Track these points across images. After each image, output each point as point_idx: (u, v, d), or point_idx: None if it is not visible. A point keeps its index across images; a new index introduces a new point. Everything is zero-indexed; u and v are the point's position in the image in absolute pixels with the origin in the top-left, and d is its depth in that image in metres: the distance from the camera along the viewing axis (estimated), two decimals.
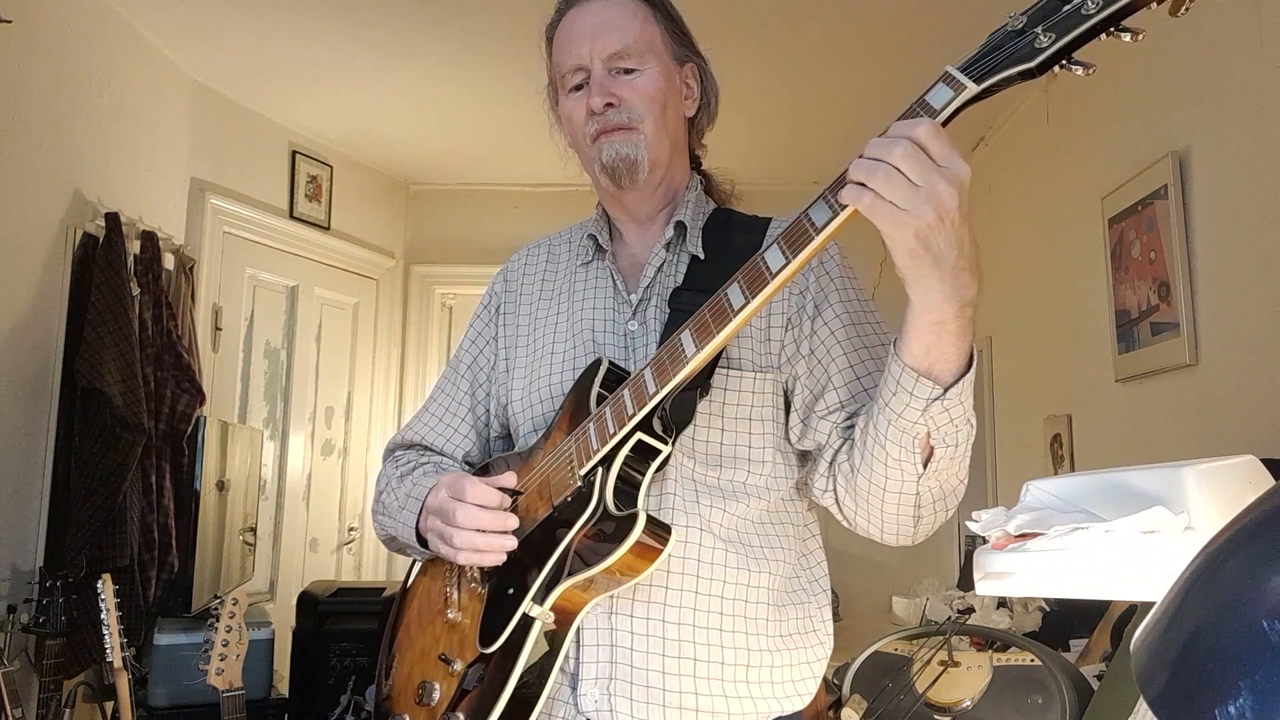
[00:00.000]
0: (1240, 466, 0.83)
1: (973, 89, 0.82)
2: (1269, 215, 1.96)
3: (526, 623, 1.02)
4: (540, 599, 1.02)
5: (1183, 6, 0.76)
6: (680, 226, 1.21)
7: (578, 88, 1.19)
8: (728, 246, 1.18)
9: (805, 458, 1.17)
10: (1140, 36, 0.78)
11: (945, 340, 0.91)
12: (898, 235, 0.84)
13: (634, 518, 0.98)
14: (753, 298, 0.93)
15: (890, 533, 1.08)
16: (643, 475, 1.04)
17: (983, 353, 3.76)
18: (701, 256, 1.18)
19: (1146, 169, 2.42)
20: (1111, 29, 0.78)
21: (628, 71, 1.16)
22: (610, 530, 1.00)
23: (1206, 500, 0.78)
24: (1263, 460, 0.85)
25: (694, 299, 1.11)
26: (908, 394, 0.94)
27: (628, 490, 1.03)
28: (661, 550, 1.00)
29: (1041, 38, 0.80)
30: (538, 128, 1.31)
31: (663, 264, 1.20)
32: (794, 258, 0.90)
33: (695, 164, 1.31)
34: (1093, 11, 0.77)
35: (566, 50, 1.19)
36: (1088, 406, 2.86)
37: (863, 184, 0.84)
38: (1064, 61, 0.80)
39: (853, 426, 1.08)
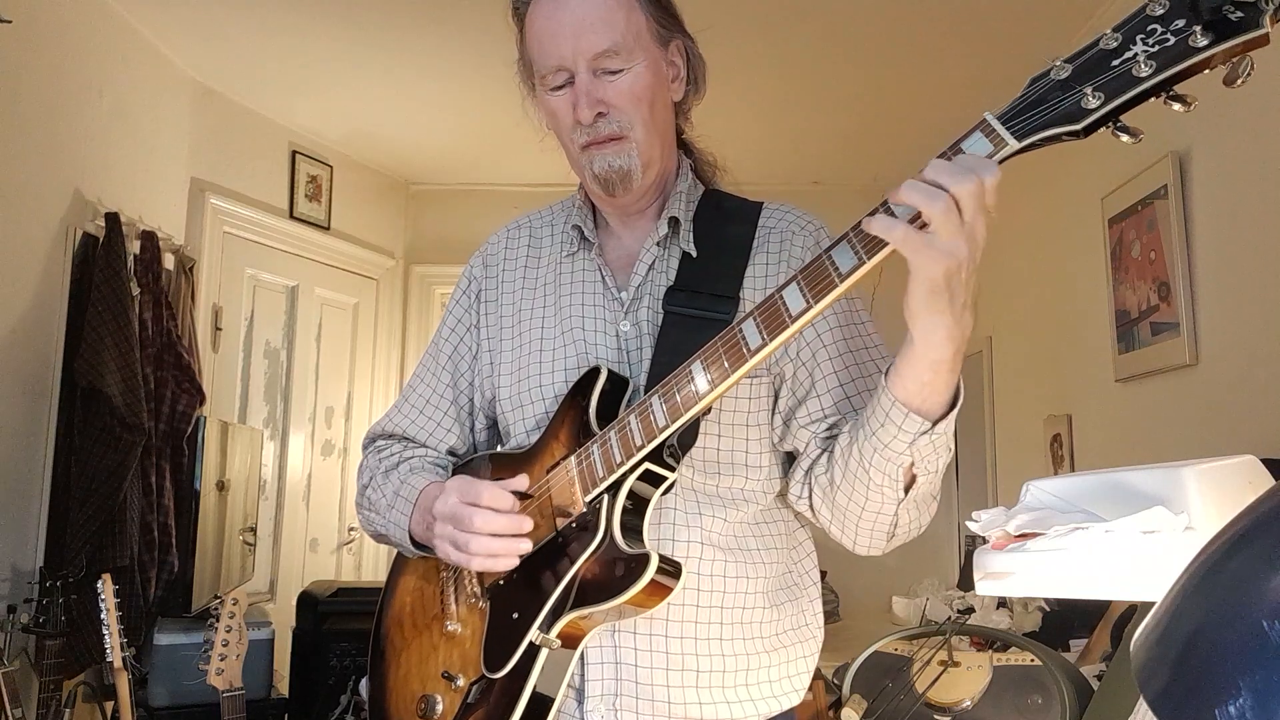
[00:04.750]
0: (1240, 466, 0.83)
1: (1013, 146, 0.78)
2: (1269, 215, 1.96)
3: (533, 650, 1.02)
4: (546, 628, 1.02)
5: (1238, 79, 0.71)
6: (673, 222, 1.18)
7: (559, 85, 1.12)
8: (720, 240, 1.17)
9: (792, 458, 1.16)
10: (1193, 106, 0.72)
11: (940, 378, 0.91)
12: (927, 271, 0.83)
13: (645, 559, 0.97)
14: (771, 339, 0.91)
15: (863, 545, 1.08)
16: (648, 501, 1.04)
17: (982, 353, 3.76)
18: (694, 254, 1.16)
19: (1146, 169, 2.42)
20: (1164, 94, 0.73)
21: (613, 70, 1.10)
22: (619, 568, 0.99)
23: (1206, 500, 0.78)
24: (1263, 460, 0.85)
25: (688, 299, 1.10)
26: (896, 427, 0.94)
27: (633, 518, 1.03)
28: (672, 589, 0.99)
29: (1090, 97, 0.74)
30: (539, 131, 1.29)
31: (654, 261, 1.18)
32: (815, 303, 0.88)
33: (679, 135, 1.25)
34: (1145, 75, 0.72)
35: (546, 48, 1.11)
36: (1088, 406, 2.86)
37: (915, 210, 0.81)
38: (1111, 126, 0.75)
39: (832, 437, 1.07)
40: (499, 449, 1.25)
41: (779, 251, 1.15)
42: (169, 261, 3.00)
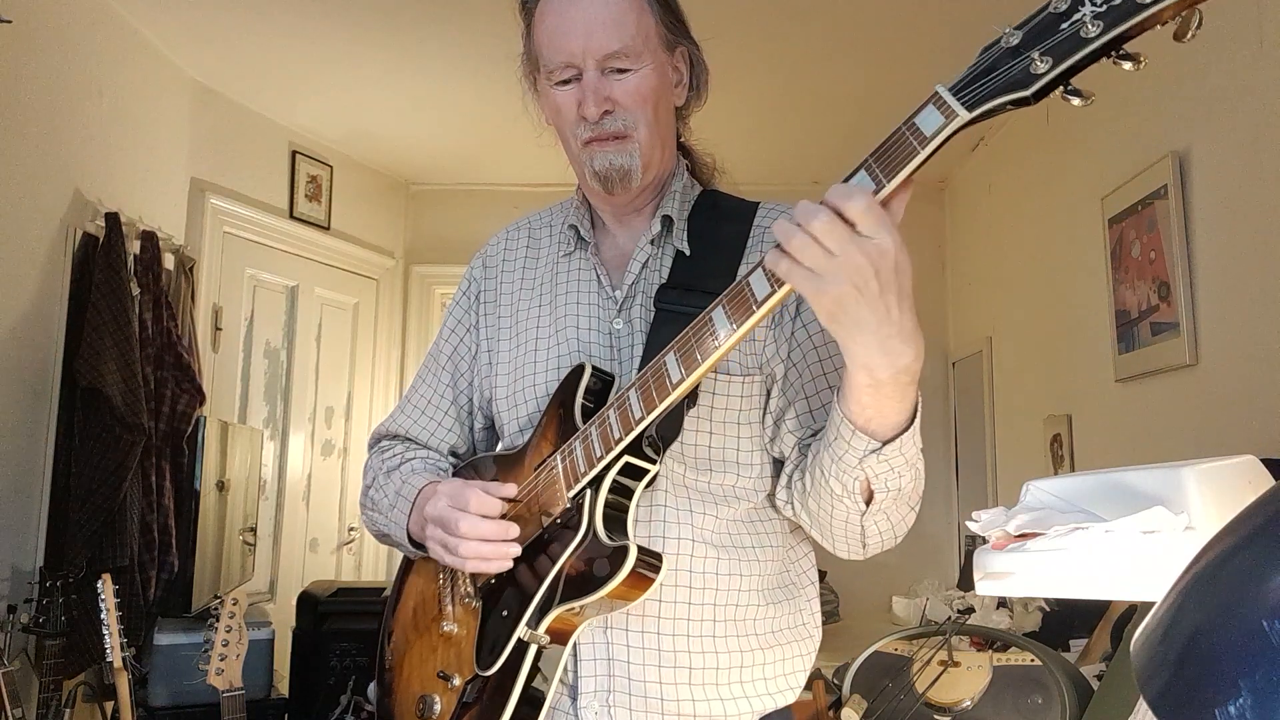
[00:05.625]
0: (1240, 466, 0.83)
1: (964, 116, 0.78)
2: (1269, 215, 1.96)
3: (522, 646, 1.03)
4: (534, 624, 1.03)
5: (1189, 32, 0.71)
6: (667, 220, 1.18)
7: (565, 81, 1.13)
8: (714, 239, 1.17)
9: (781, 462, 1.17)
10: (1143, 64, 0.72)
11: (882, 401, 0.91)
12: (813, 301, 0.85)
13: (625, 551, 0.98)
14: (738, 326, 0.92)
15: (841, 550, 1.09)
16: (631, 495, 1.04)
17: (982, 352, 3.76)
18: (687, 253, 1.16)
19: (1146, 169, 2.42)
20: (1113, 54, 0.73)
21: (620, 70, 1.11)
22: (601, 560, 0.99)
23: (1206, 500, 0.77)
24: (1263, 460, 0.85)
25: (680, 296, 1.11)
26: (845, 443, 0.94)
27: (617, 511, 1.03)
28: (654, 580, 1.00)
29: (1038, 62, 0.74)
30: (537, 128, 1.29)
31: (648, 259, 1.18)
32: (779, 288, 0.89)
33: (677, 139, 1.26)
34: (1093, 35, 0.72)
35: (555, 45, 1.11)
36: (1088, 406, 2.86)
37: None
38: (1061, 90, 0.75)
39: (812, 444, 1.08)
40: (498, 449, 1.25)
41: None
42: (169, 261, 3.00)
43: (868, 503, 0.99)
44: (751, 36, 3.01)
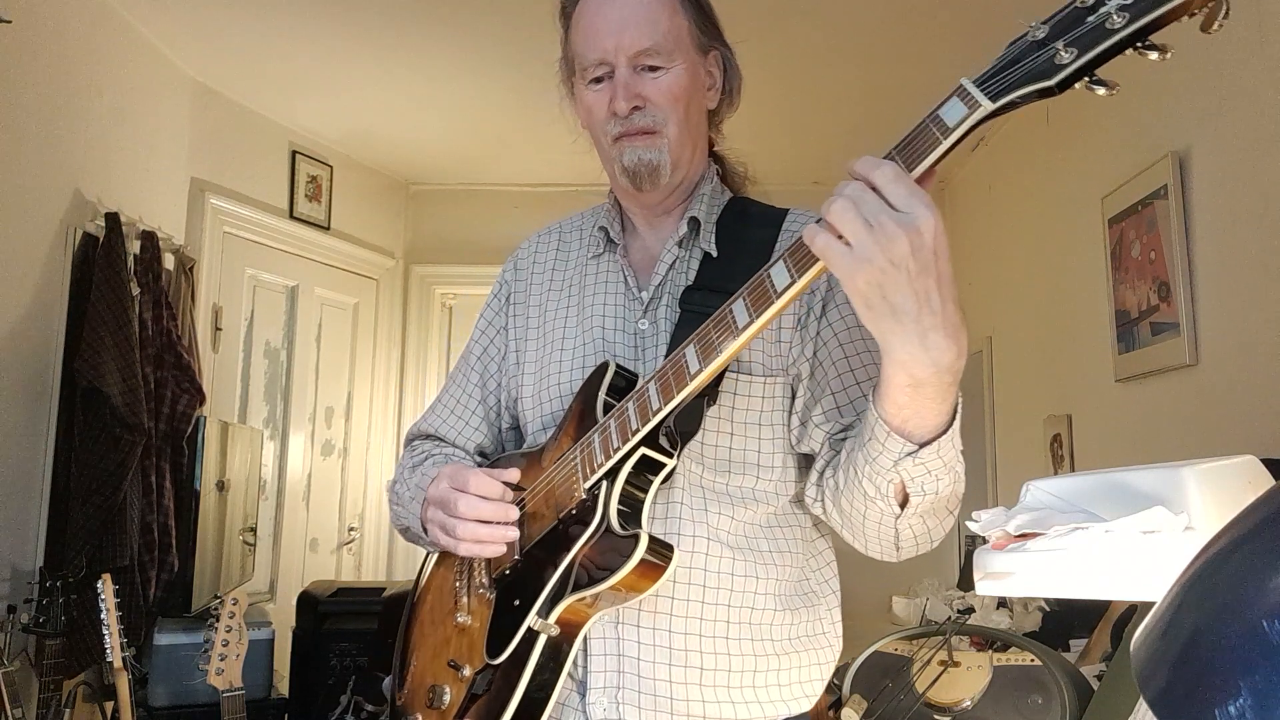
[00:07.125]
0: (1240, 466, 0.83)
1: (987, 106, 0.77)
2: (1269, 215, 1.96)
3: (532, 636, 1.03)
4: (545, 613, 1.02)
5: (1214, 23, 0.71)
6: (694, 222, 1.19)
7: (598, 79, 1.15)
8: (742, 242, 1.17)
9: (809, 460, 1.16)
10: (1169, 54, 0.72)
11: (921, 403, 0.87)
12: (848, 282, 0.81)
13: (636, 539, 0.98)
14: (757, 316, 0.90)
15: (874, 551, 1.07)
16: (647, 489, 1.04)
17: (982, 353, 3.76)
18: (714, 254, 1.17)
19: (1146, 169, 2.42)
20: (1138, 45, 0.73)
21: (652, 68, 1.13)
22: (614, 549, 0.99)
23: (1206, 500, 0.77)
24: (1263, 460, 0.85)
25: (705, 298, 1.11)
26: (880, 445, 0.92)
27: (632, 504, 1.03)
28: (664, 570, 0.99)
29: (1063, 53, 0.74)
30: (538, 128, 1.30)
31: (675, 261, 1.19)
32: (799, 277, 0.87)
33: (709, 146, 1.28)
34: (1118, 26, 0.72)
35: (589, 42, 1.14)
36: (1088, 406, 2.86)
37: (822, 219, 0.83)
38: (1086, 80, 0.75)
39: (845, 439, 1.07)
40: (523, 447, 1.26)
41: None
42: (169, 261, 3.00)
43: (902, 506, 0.97)
44: (752, 35, 3.00)
